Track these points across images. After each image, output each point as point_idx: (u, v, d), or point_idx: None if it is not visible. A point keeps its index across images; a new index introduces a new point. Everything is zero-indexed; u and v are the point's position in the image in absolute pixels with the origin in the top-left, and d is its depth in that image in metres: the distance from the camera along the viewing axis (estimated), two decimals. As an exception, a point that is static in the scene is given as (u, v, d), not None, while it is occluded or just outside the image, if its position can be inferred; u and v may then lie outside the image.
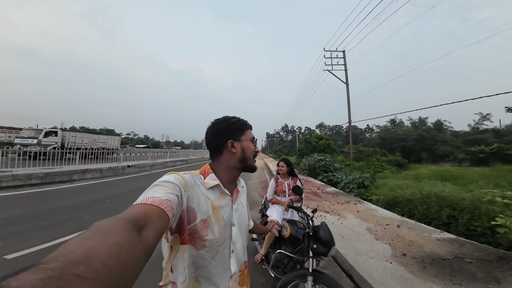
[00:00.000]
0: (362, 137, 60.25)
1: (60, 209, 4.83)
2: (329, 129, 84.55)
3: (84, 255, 0.28)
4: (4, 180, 6.41)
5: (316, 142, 22.86)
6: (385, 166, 19.37)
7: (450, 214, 4.62)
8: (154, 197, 0.56)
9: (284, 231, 2.46)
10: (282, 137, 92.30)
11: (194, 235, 0.71)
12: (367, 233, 3.89)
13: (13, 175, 6.66)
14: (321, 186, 9.16)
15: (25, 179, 6.90)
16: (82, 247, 0.30)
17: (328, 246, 1.92)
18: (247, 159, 0.87)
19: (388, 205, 6.18)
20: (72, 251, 0.28)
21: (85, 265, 0.27)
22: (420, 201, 5.39)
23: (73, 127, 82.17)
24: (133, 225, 0.41)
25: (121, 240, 0.34)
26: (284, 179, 2.95)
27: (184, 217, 0.69)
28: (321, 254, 1.95)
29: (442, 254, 3.10)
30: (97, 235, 0.34)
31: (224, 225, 0.77)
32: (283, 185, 2.88)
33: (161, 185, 0.63)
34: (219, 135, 0.86)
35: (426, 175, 11.14)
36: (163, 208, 0.53)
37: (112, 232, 0.35)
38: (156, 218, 0.50)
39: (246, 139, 0.88)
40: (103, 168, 9.87)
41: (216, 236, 0.74)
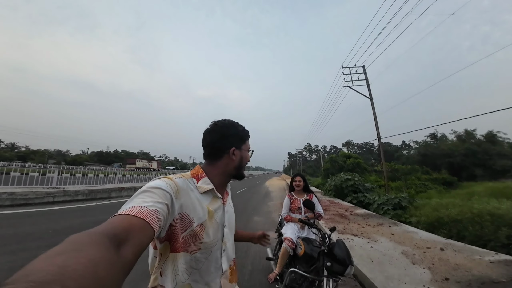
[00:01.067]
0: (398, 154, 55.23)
1: (96, 223, 5.24)
2: (358, 147, 79.72)
3: (57, 274, 0.26)
4: (57, 196, 7.37)
5: (344, 161, 21.63)
6: (429, 185, 17.15)
7: (510, 234, 3.84)
8: (140, 206, 0.52)
9: (299, 249, 2.34)
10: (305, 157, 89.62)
11: (189, 241, 0.69)
12: (402, 257, 3.41)
13: (64, 191, 7.64)
14: (350, 208, 8.45)
15: (73, 195, 7.83)
16: (53, 265, 0.27)
17: (345, 264, 1.76)
18: (241, 167, 0.88)
19: (431, 227, 5.40)
20: (44, 269, 0.26)
21: (58, 284, 0.24)
22: (470, 221, 4.62)
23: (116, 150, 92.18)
24: (111, 240, 0.38)
25: (97, 258, 0.31)
26: (299, 195, 2.84)
27: (175, 225, 0.66)
28: (337, 273, 1.79)
29: (494, 277, 2.57)
30: (71, 251, 0.31)
31: (217, 228, 0.78)
32: (298, 202, 2.77)
33: (150, 191, 0.59)
34: (225, 140, 0.85)
35: (482, 192, 9.55)
36: (148, 220, 0.50)
37: (85, 248, 0.32)
38: (138, 232, 0.46)
39: (246, 149, 0.90)
40: (137, 186, 10.70)
41: (210, 239, 0.74)
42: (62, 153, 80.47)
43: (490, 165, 26.00)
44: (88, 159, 74.87)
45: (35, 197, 6.72)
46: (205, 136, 0.86)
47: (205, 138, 0.86)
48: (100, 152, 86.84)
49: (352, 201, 10.30)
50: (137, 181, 13.47)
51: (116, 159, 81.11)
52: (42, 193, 6.94)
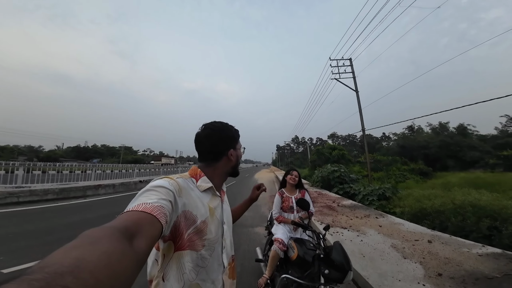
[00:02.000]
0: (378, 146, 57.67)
1: (69, 225, 4.80)
2: (342, 139, 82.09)
3: (71, 266, 0.27)
4: (22, 196, 6.63)
5: (329, 153, 22.11)
6: (408, 176, 18.05)
7: (491, 225, 3.99)
8: (146, 203, 0.53)
9: (291, 252, 2.12)
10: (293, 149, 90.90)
11: (194, 238, 0.71)
12: (392, 251, 3.39)
13: (30, 191, 6.89)
14: (337, 199, 8.55)
15: (42, 194, 7.09)
16: (69, 257, 0.28)
17: (343, 271, 1.59)
18: (237, 166, 0.93)
19: (414, 218, 5.54)
20: (59, 262, 0.27)
21: (72, 275, 0.25)
22: (453, 212, 4.76)
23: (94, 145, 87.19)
24: (123, 234, 0.39)
25: (111, 249, 0.33)
26: (291, 192, 2.61)
27: (179, 223, 0.67)
28: (335, 281, 1.61)
29: (487, 272, 2.58)
30: (85, 244, 0.32)
31: (218, 225, 0.81)
32: (290, 200, 2.54)
33: (154, 190, 0.61)
34: (222, 142, 0.88)
35: (456, 183, 10.14)
36: (155, 215, 0.51)
37: (100, 241, 0.33)
38: (148, 225, 0.48)
39: (239, 147, 0.95)
40: (116, 183, 10.03)
41: (213, 235, 0.77)
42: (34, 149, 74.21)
43: (461, 157, 27.95)
44: (64, 155, 69.88)
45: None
46: (201, 140, 0.87)
47: (201, 143, 0.87)
48: (77, 147, 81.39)
49: (339, 192, 10.49)
50: (118, 177, 12.68)
51: (95, 155, 76.72)
52: (3, 193, 6.19)
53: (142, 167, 16.50)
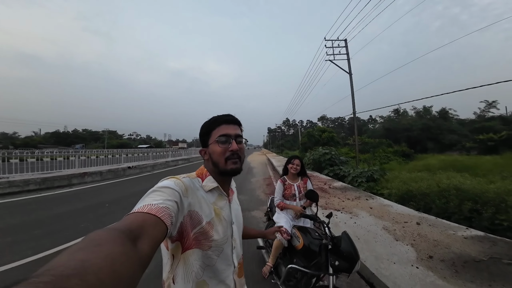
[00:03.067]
0: (365, 128, 59.46)
1: (56, 217, 4.59)
2: (331, 122, 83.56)
3: (77, 268, 0.27)
4: (1, 187, 6.21)
5: (319, 135, 22.46)
6: (391, 157, 18.89)
7: (472, 208, 4.28)
8: (151, 204, 0.54)
9: (296, 241, 2.12)
10: (284, 132, 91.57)
11: (200, 238, 0.71)
12: (384, 233, 3.56)
13: (9, 182, 6.45)
14: (328, 181, 8.83)
15: (23, 185, 6.69)
16: (74, 260, 0.29)
17: (352, 260, 1.61)
18: (217, 163, 0.80)
19: (401, 200, 5.84)
20: (64, 264, 0.28)
21: (78, 278, 0.26)
22: (437, 195, 5.05)
23: (75, 129, 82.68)
24: (127, 236, 0.40)
25: (115, 252, 0.33)
26: (293, 180, 2.57)
27: (186, 223, 0.67)
28: (344, 271, 1.63)
29: (474, 255, 2.77)
30: (90, 246, 0.33)
31: (226, 225, 0.79)
32: (293, 188, 2.51)
33: (159, 191, 0.61)
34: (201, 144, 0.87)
35: (436, 165, 10.73)
36: (160, 216, 0.51)
37: (105, 244, 0.34)
38: (152, 227, 0.48)
39: (212, 141, 0.81)
40: (103, 170, 9.64)
41: (220, 236, 0.76)
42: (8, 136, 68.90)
43: (440, 139, 29.51)
44: (43, 141, 65.62)
45: (-31, 191, 5.53)
46: None
47: None
48: (57, 132, 76.57)
49: (329, 173, 10.82)
50: (105, 163, 12.17)
51: (77, 140, 72.89)
52: (-22, 186, 5.74)
53: (130, 151, 15.92)
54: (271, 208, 2.90)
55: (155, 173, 12.50)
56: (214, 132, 0.81)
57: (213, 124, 0.82)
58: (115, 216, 4.51)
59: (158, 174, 12.01)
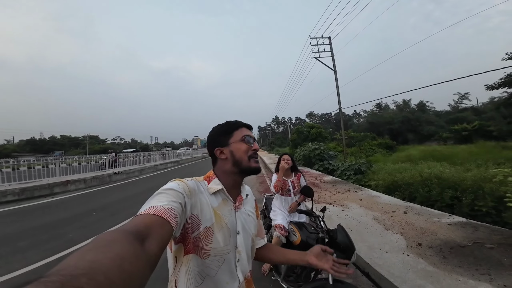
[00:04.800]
0: (350, 123, 61.29)
1: (41, 227, 4.34)
2: (318, 118, 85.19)
3: (86, 268, 0.28)
4: (-27, 201, 5.75)
5: (308, 132, 22.84)
6: (376, 150, 19.66)
7: (453, 195, 4.59)
8: (156, 206, 0.55)
9: (293, 237, 2.18)
10: (274, 129, 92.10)
11: (198, 244, 0.69)
12: (375, 223, 3.73)
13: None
14: (319, 176, 9.05)
15: (0, 196, 6.24)
16: (83, 260, 0.30)
17: (349, 252, 1.68)
18: (239, 161, 0.81)
19: (388, 190, 6.13)
20: (74, 264, 0.28)
21: (87, 277, 0.26)
22: (421, 184, 5.35)
23: (52, 136, 77.94)
24: (135, 236, 0.40)
25: (123, 252, 0.34)
26: (287, 176, 2.64)
27: (188, 225, 0.67)
28: None
29: (459, 240, 2.96)
30: (99, 247, 0.33)
31: (228, 233, 0.75)
32: (287, 183, 2.58)
33: (164, 193, 0.62)
34: (210, 144, 0.86)
35: (417, 156, 11.31)
36: (165, 217, 0.52)
37: (113, 244, 0.35)
38: (158, 228, 0.49)
39: (235, 140, 0.83)
40: (87, 178, 9.19)
41: (220, 245, 0.71)
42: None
43: (420, 131, 31.15)
44: (17, 149, 61.14)
45: None
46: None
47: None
48: (32, 140, 71.61)
49: (319, 168, 11.08)
50: (87, 170, 11.60)
51: (56, 147, 68.66)
52: None
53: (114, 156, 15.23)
54: (267, 206, 2.94)
55: (143, 177, 12.12)
56: (237, 132, 0.84)
57: (236, 125, 0.86)
58: (104, 223, 4.34)
59: (147, 179, 11.64)
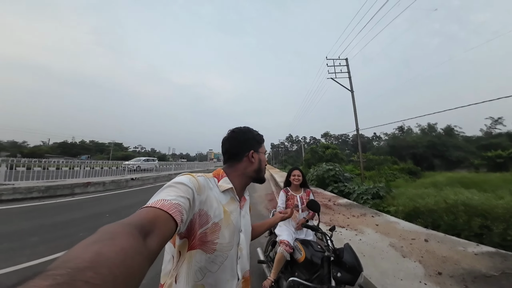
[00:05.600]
0: (369, 145, 59.02)
1: (55, 225, 4.56)
2: (335, 139, 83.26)
3: (92, 261, 0.28)
4: (5, 194, 6.26)
5: (323, 152, 22.34)
6: (397, 175, 18.50)
7: (482, 224, 4.10)
8: (164, 200, 0.55)
9: (298, 254, 2.07)
10: (287, 148, 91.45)
11: (205, 239, 0.69)
12: (391, 249, 3.41)
13: (14, 188, 6.52)
14: (332, 198, 8.61)
15: (26, 192, 6.74)
16: (89, 252, 0.30)
17: (355, 272, 1.55)
18: (261, 170, 0.91)
19: (408, 217, 5.64)
20: (80, 256, 0.29)
21: (93, 271, 0.27)
22: (446, 211, 4.87)
23: (82, 141, 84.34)
24: (139, 231, 0.41)
25: (127, 246, 0.34)
26: (296, 191, 2.59)
27: (195, 221, 0.67)
28: (347, 283, 1.57)
29: (484, 270, 2.61)
30: (104, 239, 0.34)
31: (233, 230, 0.77)
32: (295, 199, 2.51)
33: (174, 186, 0.63)
34: (242, 143, 0.89)
35: (444, 182, 10.44)
36: (171, 213, 0.52)
37: (118, 237, 0.35)
38: (163, 224, 0.49)
39: (262, 151, 0.93)
40: (106, 181, 9.68)
41: (226, 240, 0.73)
42: (17, 144, 70.65)
43: (447, 156, 29.04)
44: (50, 151, 66.93)
45: (-26, 196, 5.58)
46: (224, 143, 0.91)
47: (224, 145, 0.91)
48: (64, 143, 78.20)
49: (333, 190, 10.57)
50: (107, 174, 12.24)
51: (83, 151, 74.06)
52: (-17, 192, 5.81)
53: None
54: None
55: (157, 185, 12.45)
56: (263, 145, 0.96)
57: (263, 139, 0.98)
58: (114, 226, 4.47)
59: (159, 187, 11.92)
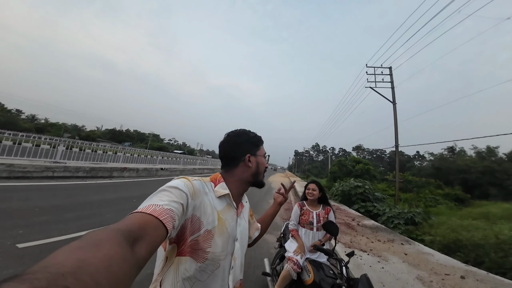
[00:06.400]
0: (409, 164, 53.19)
1: (90, 204, 5.07)
2: (368, 153, 77.21)
3: (73, 267, 0.27)
4: (57, 171, 7.30)
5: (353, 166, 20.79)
6: (440, 201, 16.24)
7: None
8: (156, 205, 0.53)
9: (306, 275, 1.89)
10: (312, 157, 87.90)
11: (196, 247, 0.67)
12: (417, 283, 2.95)
13: (65, 167, 7.56)
14: (357, 217, 7.92)
15: (74, 171, 7.75)
16: (71, 258, 0.29)
17: None
18: (259, 174, 0.87)
19: (446, 249, 4.88)
20: (62, 262, 0.28)
21: (74, 277, 0.26)
22: (494, 247, 4.12)
23: (128, 129, 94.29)
24: (126, 237, 0.40)
25: (112, 253, 0.33)
26: (313, 207, 2.34)
27: (186, 226, 0.65)
28: None
29: None
30: (88, 246, 0.33)
31: (227, 239, 0.74)
32: (311, 215, 2.28)
33: (168, 190, 0.61)
34: (238, 147, 0.86)
35: (498, 214, 8.79)
36: (162, 219, 0.51)
37: (103, 244, 0.34)
38: (152, 230, 0.47)
39: (261, 154, 0.89)
40: (140, 168, 10.59)
41: (219, 249, 0.70)
42: (78, 128, 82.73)
43: (507, 186, 24.51)
44: (101, 135, 76.38)
45: (34, 170, 6.60)
46: (220, 147, 0.88)
47: (220, 150, 0.88)
48: (113, 130, 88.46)
49: (360, 209, 9.74)
50: (143, 162, 13.40)
51: (127, 138, 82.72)
52: (41, 167, 6.84)
53: (165, 154, 17.30)
54: (285, 234, 2.69)
55: (183, 178, 13.17)
56: (262, 147, 0.92)
57: (261, 140, 0.93)
58: (138, 211, 4.81)
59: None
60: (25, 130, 42.66)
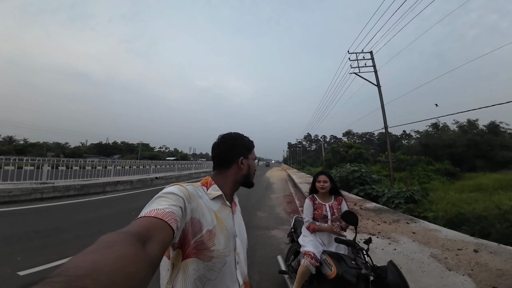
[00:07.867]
0: (398, 144, 54.86)
1: (87, 222, 4.83)
2: (358, 137, 78.82)
3: (89, 269, 0.28)
4: (46, 192, 6.88)
5: (346, 151, 21.23)
6: (433, 176, 16.86)
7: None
8: (157, 209, 0.55)
9: (327, 269, 1.81)
10: (305, 147, 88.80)
11: (201, 247, 0.68)
12: (433, 261, 2.98)
13: (54, 187, 7.14)
14: (359, 201, 8.04)
15: (64, 190, 7.35)
16: (87, 261, 0.30)
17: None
18: (250, 175, 0.92)
19: (450, 224, 5.01)
20: (78, 265, 0.29)
21: (90, 278, 0.27)
22: (498, 218, 4.23)
23: (115, 142, 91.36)
24: (137, 239, 0.41)
25: (126, 253, 0.34)
26: (324, 199, 2.22)
27: (187, 230, 0.66)
28: None
29: None
30: (102, 248, 0.34)
31: (228, 236, 0.77)
32: (324, 208, 2.16)
33: (165, 196, 0.62)
34: (232, 150, 0.88)
35: (490, 185, 9.20)
36: (166, 220, 0.52)
37: (116, 245, 0.35)
38: (159, 230, 0.49)
39: (252, 158, 0.93)
40: (133, 180, 10.23)
41: (222, 246, 0.73)
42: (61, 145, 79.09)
43: (492, 156, 25.86)
44: (88, 151, 73.78)
45: (21, 193, 6.21)
46: (214, 148, 0.91)
47: (214, 150, 0.90)
48: (99, 144, 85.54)
49: (359, 193, 9.90)
50: (136, 173, 12.97)
51: (115, 151, 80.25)
52: (28, 189, 6.44)
53: (158, 163, 16.86)
54: (295, 229, 2.61)
55: (180, 184, 12.89)
56: (253, 150, 0.96)
57: (253, 144, 0.97)
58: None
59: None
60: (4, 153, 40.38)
